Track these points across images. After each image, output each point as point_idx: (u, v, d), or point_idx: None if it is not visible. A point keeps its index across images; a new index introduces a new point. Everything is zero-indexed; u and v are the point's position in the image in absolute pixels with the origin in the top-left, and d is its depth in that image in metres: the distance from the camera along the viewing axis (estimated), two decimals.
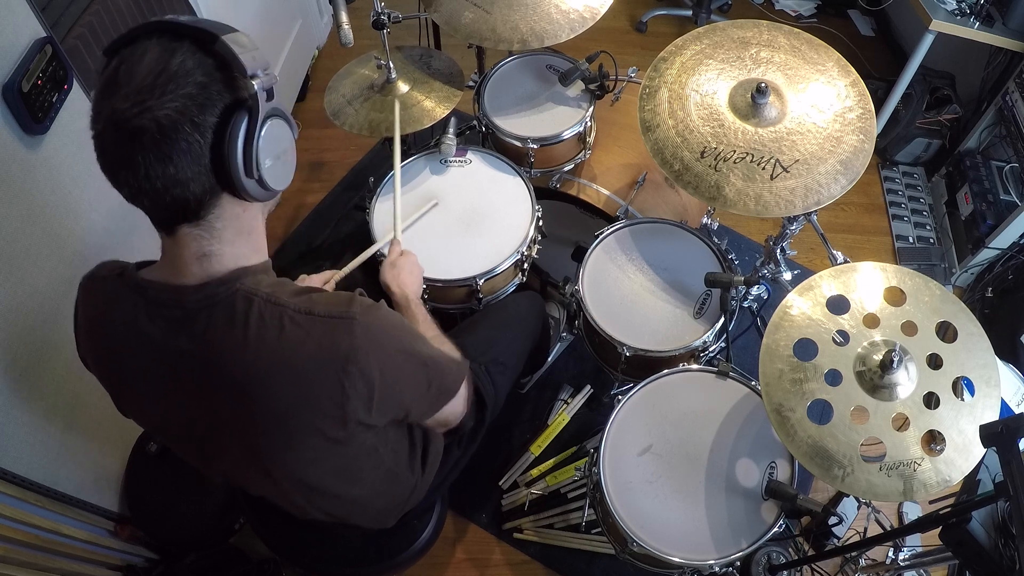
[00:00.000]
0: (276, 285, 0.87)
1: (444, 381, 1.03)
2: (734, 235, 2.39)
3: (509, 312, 1.54)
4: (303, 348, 0.83)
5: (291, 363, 0.83)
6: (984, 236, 2.14)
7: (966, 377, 1.16)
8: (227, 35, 0.74)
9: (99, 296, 0.92)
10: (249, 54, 0.75)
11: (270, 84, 0.77)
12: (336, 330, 0.84)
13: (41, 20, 1.26)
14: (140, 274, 0.87)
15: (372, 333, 0.87)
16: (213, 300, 0.83)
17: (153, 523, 1.62)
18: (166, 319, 0.85)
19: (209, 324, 0.83)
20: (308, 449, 0.91)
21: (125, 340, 0.88)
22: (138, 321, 0.85)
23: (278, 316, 0.83)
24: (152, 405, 0.94)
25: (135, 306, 0.86)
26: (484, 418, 1.33)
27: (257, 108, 0.76)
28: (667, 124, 1.42)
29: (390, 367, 0.90)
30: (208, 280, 0.83)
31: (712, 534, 1.25)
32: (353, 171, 2.60)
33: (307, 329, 0.84)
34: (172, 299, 0.84)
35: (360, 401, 0.87)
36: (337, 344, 0.84)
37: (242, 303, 0.83)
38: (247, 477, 1.01)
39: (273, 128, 0.80)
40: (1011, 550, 1.04)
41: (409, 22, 1.81)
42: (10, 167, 1.22)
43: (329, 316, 0.85)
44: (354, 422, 0.89)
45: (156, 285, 0.85)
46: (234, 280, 0.83)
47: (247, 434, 0.90)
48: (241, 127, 0.75)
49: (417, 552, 1.32)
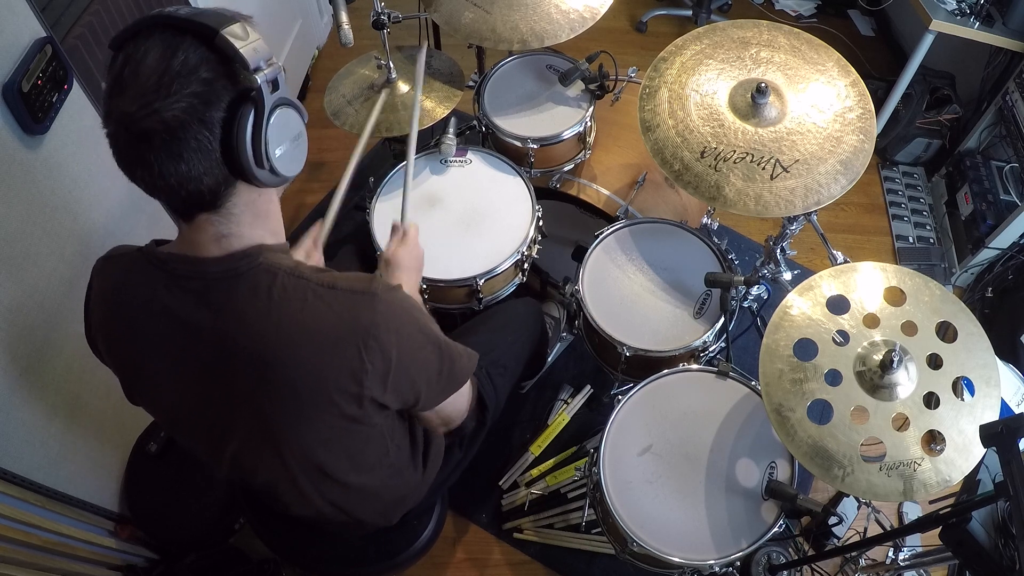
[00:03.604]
0: (298, 263, 0.89)
1: (455, 368, 1.04)
2: (734, 235, 2.39)
3: (508, 316, 1.54)
4: (325, 320, 0.85)
5: (313, 334, 0.85)
6: (984, 236, 2.14)
7: (966, 377, 1.16)
8: (228, 27, 0.74)
9: (117, 273, 0.92)
10: (251, 46, 0.75)
11: (275, 75, 0.78)
12: (358, 304, 0.87)
13: (41, 20, 1.26)
14: (159, 249, 0.88)
15: (392, 310, 0.89)
16: (235, 272, 0.84)
17: (153, 523, 1.62)
18: (186, 290, 0.86)
19: (231, 295, 0.84)
20: (321, 425, 0.92)
21: (144, 314, 0.89)
22: (157, 294, 0.86)
23: (302, 289, 0.85)
24: (166, 382, 0.94)
25: (155, 279, 0.87)
26: (485, 420, 1.33)
27: (262, 100, 0.77)
28: (667, 124, 1.42)
29: (407, 346, 0.91)
30: (230, 253, 0.84)
31: (712, 534, 1.25)
32: (353, 171, 2.59)
33: (329, 302, 0.86)
34: (193, 271, 0.85)
35: (377, 376, 0.88)
36: (358, 317, 0.86)
37: (265, 276, 0.85)
38: (256, 460, 1.00)
39: (281, 117, 0.80)
40: (1011, 550, 1.04)
41: (409, 22, 1.81)
42: (10, 167, 1.22)
43: (352, 291, 0.87)
44: (368, 399, 0.90)
45: (176, 257, 0.86)
46: (256, 255, 0.85)
47: (263, 409, 0.90)
48: (248, 120, 0.76)
49: (417, 552, 1.32)
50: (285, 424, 0.92)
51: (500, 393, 1.38)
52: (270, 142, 0.79)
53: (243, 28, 0.75)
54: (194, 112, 0.73)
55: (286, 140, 0.82)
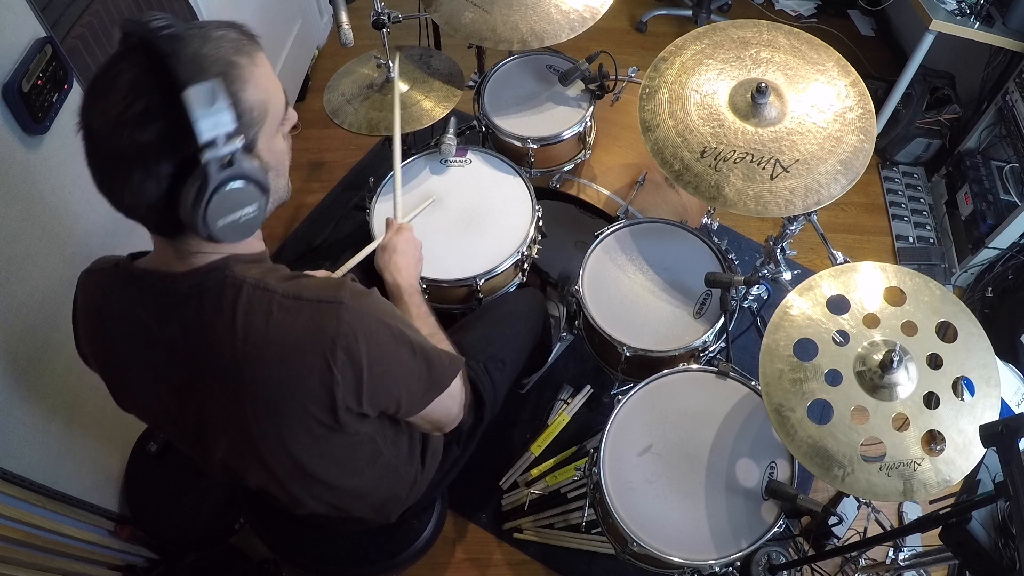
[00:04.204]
0: (267, 271, 0.87)
1: (434, 373, 1.00)
2: (734, 235, 2.39)
3: (507, 309, 1.52)
4: (291, 332, 0.83)
5: (279, 348, 0.84)
6: (984, 236, 2.14)
7: (966, 377, 1.16)
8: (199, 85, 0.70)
9: (97, 289, 0.93)
10: (212, 119, 0.71)
11: (231, 151, 0.74)
12: (324, 314, 0.84)
13: (41, 20, 1.26)
14: (135, 264, 0.89)
15: (361, 318, 0.86)
16: (203, 287, 0.84)
17: (153, 523, 1.62)
18: (160, 306, 0.86)
19: (199, 311, 0.84)
20: (301, 435, 0.91)
21: (122, 330, 0.89)
22: (134, 310, 0.87)
23: (267, 302, 0.84)
24: (149, 395, 0.95)
25: (130, 295, 0.87)
26: (483, 416, 1.33)
27: (206, 177, 0.73)
28: (667, 124, 1.42)
29: (379, 354, 0.89)
30: (198, 268, 0.84)
31: (712, 534, 1.25)
32: (353, 171, 2.60)
33: (294, 314, 0.84)
34: (164, 286, 0.85)
35: (349, 386, 0.86)
36: (324, 328, 0.84)
37: (231, 290, 0.84)
38: (244, 465, 1.00)
39: (226, 195, 0.76)
40: (1011, 550, 1.04)
41: (409, 22, 1.81)
42: (10, 167, 1.22)
43: (318, 300, 0.85)
44: (343, 409, 0.88)
45: (150, 274, 0.86)
46: (223, 268, 0.84)
47: (240, 421, 0.89)
48: (191, 191, 0.74)
49: (417, 552, 1.32)
50: (265, 436, 0.91)
51: (498, 388, 1.37)
52: (210, 214, 0.76)
53: (210, 92, 0.71)
54: (142, 159, 0.73)
55: (231, 213, 0.78)
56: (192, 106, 0.70)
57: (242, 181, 0.77)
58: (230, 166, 0.75)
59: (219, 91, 0.72)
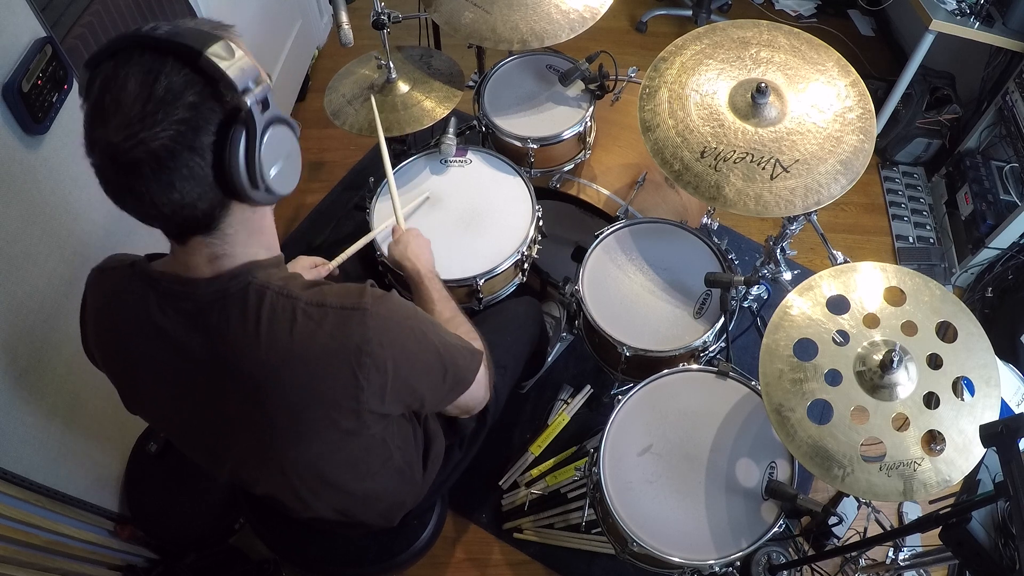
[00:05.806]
0: (288, 279, 0.87)
1: (459, 371, 1.01)
2: (734, 235, 2.39)
3: (507, 316, 1.54)
4: (315, 340, 0.83)
5: (304, 356, 0.83)
6: (984, 236, 2.14)
7: (966, 377, 1.16)
8: (211, 47, 0.70)
9: (109, 287, 0.91)
10: (236, 66, 0.71)
11: (264, 94, 0.74)
12: (348, 321, 0.84)
13: (41, 20, 1.26)
14: (152, 266, 0.87)
15: (384, 323, 0.87)
16: (225, 294, 0.83)
17: (153, 523, 1.62)
18: (178, 311, 0.84)
19: (222, 318, 0.83)
20: (321, 442, 0.91)
21: (136, 332, 0.88)
22: (150, 312, 0.85)
23: (291, 308, 0.83)
24: (161, 399, 0.94)
25: (146, 298, 0.85)
26: (486, 420, 1.33)
27: (254, 121, 0.73)
28: (667, 124, 1.42)
29: (403, 357, 0.89)
30: (220, 274, 0.82)
31: (712, 534, 1.25)
32: (353, 171, 2.60)
33: (319, 321, 0.84)
34: (184, 291, 0.83)
35: (374, 391, 0.87)
36: (350, 335, 0.84)
37: (254, 296, 0.83)
38: (256, 474, 1.00)
39: (274, 136, 0.77)
40: (1011, 550, 1.04)
41: (409, 22, 1.81)
42: (10, 167, 1.22)
43: (341, 307, 0.85)
44: (367, 411, 0.89)
45: (168, 277, 0.84)
46: (246, 274, 0.83)
47: (260, 430, 0.89)
48: (240, 143, 0.73)
49: (417, 552, 1.32)
50: (283, 444, 0.91)
51: (500, 394, 1.38)
52: (264, 163, 0.75)
53: (227, 46, 0.71)
54: (183, 139, 0.70)
55: (280, 158, 0.79)
56: (217, 61, 0.70)
57: (283, 124, 0.78)
58: (267, 108, 0.75)
59: (232, 43, 0.72)
